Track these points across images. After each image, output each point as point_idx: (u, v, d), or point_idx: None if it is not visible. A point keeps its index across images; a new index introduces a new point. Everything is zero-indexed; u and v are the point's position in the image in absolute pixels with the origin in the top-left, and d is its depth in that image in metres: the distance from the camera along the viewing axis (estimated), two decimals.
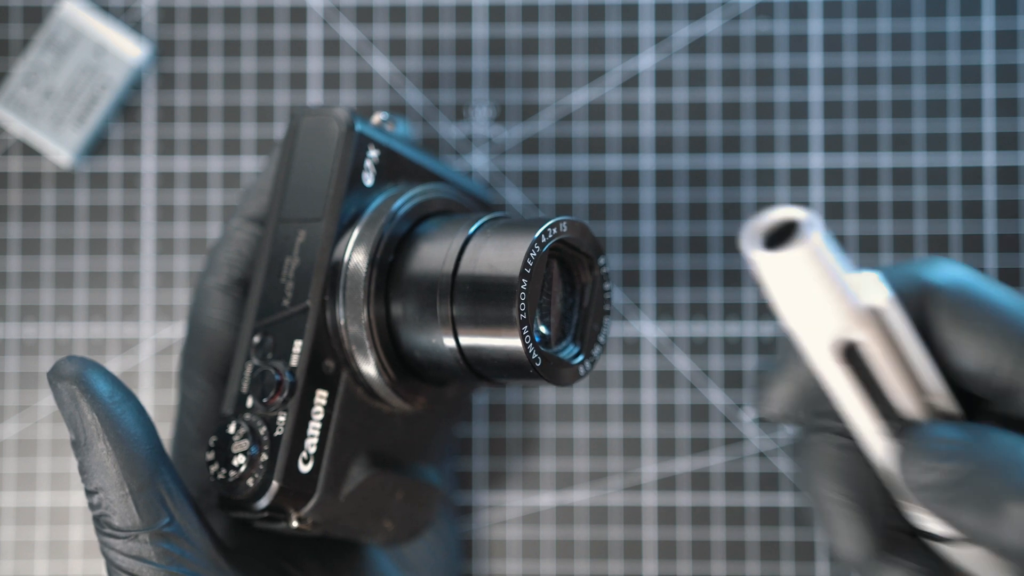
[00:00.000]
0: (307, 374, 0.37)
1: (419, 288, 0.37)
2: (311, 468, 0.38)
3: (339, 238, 0.38)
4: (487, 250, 0.36)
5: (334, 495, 0.38)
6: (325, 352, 0.38)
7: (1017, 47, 0.50)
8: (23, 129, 0.50)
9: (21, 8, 0.51)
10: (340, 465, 0.38)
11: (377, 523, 0.40)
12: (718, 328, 0.50)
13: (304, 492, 0.37)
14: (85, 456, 0.36)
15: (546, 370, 0.36)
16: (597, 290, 0.38)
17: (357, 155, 0.39)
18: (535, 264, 0.35)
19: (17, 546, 0.49)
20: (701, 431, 0.49)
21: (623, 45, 0.50)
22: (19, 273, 0.50)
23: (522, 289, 0.35)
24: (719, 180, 0.50)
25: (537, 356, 0.35)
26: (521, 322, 0.35)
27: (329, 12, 0.51)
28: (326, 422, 0.38)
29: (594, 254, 0.38)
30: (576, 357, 0.37)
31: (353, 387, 0.39)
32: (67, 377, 0.36)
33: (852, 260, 0.49)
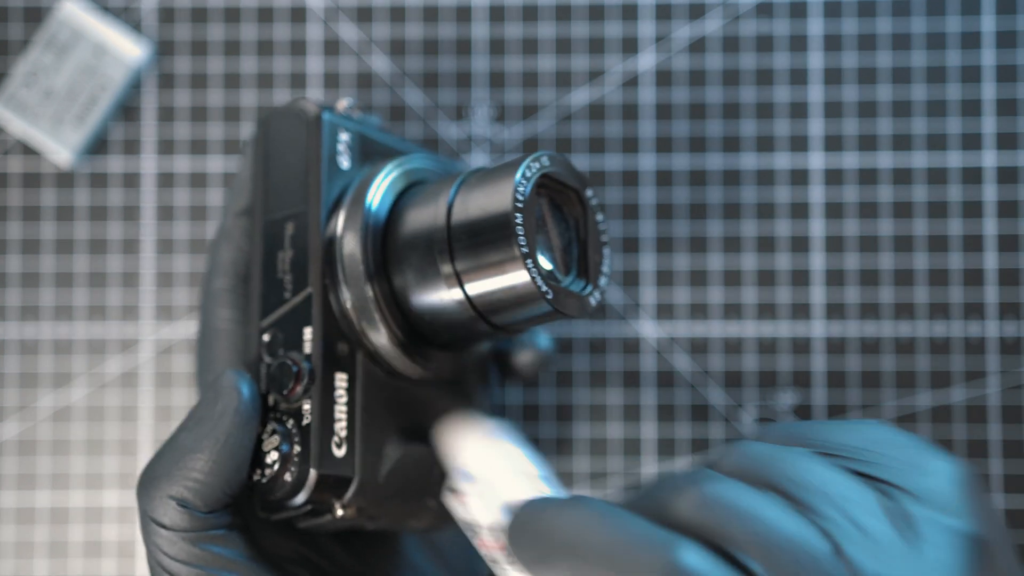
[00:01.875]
0: (324, 357, 0.37)
1: (416, 250, 0.37)
2: (346, 452, 0.37)
3: (327, 222, 0.38)
4: (475, 197, 0.36)
5: (373, 476, 0.38)
6: (336, 335, 0.38)
7: (1017, 47, 0.50)
8: (23, 129, 0.50)
9: (21, 8, 0.51)
10: (374, 445, 0.38)
11: (421, 503, 0.40)
12: (718, 328, 0.50)
13: (343, 477, 0.37)
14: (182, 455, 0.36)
15: (558, 301, 0.36)
16: (591, 221, 0.38)
17: (329, 141, 0.39)
18: (526, 198, 0.35)
19: (17, 546, 0.49)
20: (701, 431, 0.49)
21: (623, 45, 0.50)
22: (19, 273, 0.50)
23: (518, 223, 0.35)
24: (719, 180, 0.50)
25: (547, 288, 0.35)
26: (524, 255, 0.35)
27: (329, 12, 0.51)
28: (351, 404, 0.38)
29: (580, 186, 0.38)
30: (584, 289, 0.37)
31: (371, 367, 0.38)
32: (232, 387, 0.37)
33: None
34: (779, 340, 0.49)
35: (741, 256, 0.50)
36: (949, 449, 0.49)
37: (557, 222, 0.38)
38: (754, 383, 0.49)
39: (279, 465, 0.37)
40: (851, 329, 0.49)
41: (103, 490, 0.49)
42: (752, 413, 0.49)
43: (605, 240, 0.38)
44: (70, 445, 0.50)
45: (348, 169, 0.39)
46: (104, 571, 0.49)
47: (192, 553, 0.36)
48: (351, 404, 0.38)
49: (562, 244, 0.38)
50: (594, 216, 0.38)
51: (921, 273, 0.49)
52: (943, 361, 0.49)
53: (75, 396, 0.50)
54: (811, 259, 0.50)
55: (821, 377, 0.49)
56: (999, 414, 0.49)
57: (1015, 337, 0.49)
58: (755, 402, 0.49)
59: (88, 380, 0.50)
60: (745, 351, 0.50)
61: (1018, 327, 0.49)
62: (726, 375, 0.50)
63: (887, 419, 0.49)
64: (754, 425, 0.49)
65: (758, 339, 0.49)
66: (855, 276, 0.49)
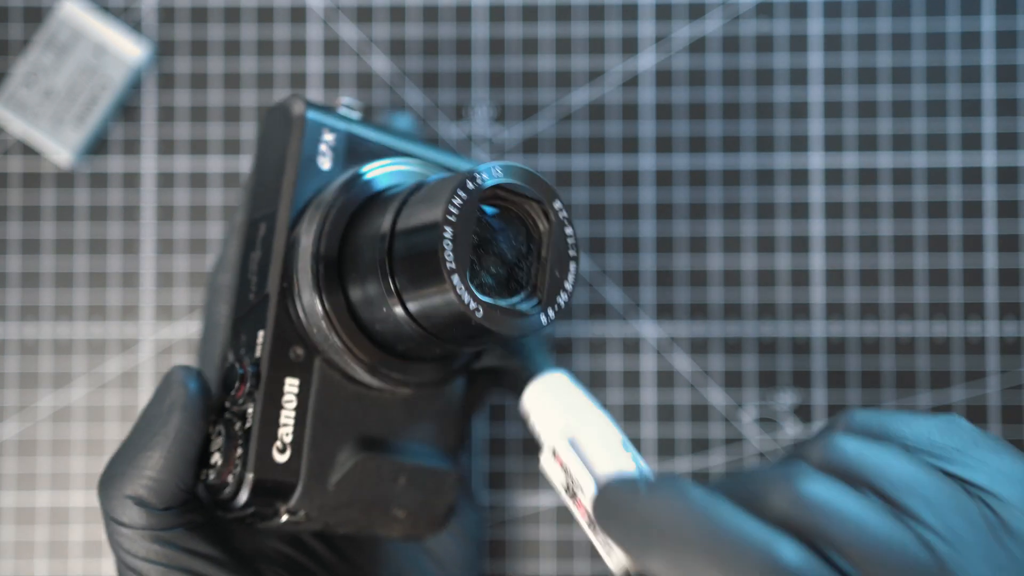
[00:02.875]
0: (271, 362, 0.37)
1: (364, 261, 0.36)
2: (289, 457, 0.37)
3: (295, 225, 0.38)
4: (416, 208, 0.35)
5: (321, 483, 0.37)
6: (292, 339, 0.37)
7: (1017, 47, 0.50)
8: (23, 129, 0.50)
9: (21, 8, 0.51)
10: (324, 452, 0.38)
11: (385, 513, 0.39)
12: (718, 328, 0.50)
13: (286, 482, 0.37)
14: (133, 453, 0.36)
15: (491, 319, 0.33)
16: (555, 235, 0.35)
17: (309, 141, 0.38)
18: (461, 209, 0.33)
19: (17, 546, 0.49)
20: (701, 431, 0.49)
21: (623, 45, 0.50)
22: (19, 273, 0.50)
23: (445, 236, 0.33)
24: (719, 180, 0.50)
25: (476, 306, 0.33)
26: (449, 270, 0.33)
27: (329, 12, 0.51)
28: (301, 409, 0.37)
29: (544, 198, 0.35)
30: (534, 306, 0.34)
31: (329, 372, 0.38)
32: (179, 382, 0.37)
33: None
34: (779, 340, 0.49)
35: (741, 256, 0.50)
36: None
37: (512, 236, 0.35)
38: (754, 383, 0.49)
39: (221, 465, 0.37)
40: (851, 329, 0.49)
41: None
42: (752, 413, 0.49)
43: (573, 254, 0.36)
44: (70, 445, 0.50)
45: (328, 170, 0.39)
46: (104, 571, 0.49)
47: (152, 550, 0.36)
48: (301, 409, 0.37)
49: (513, 259, 0.35)
50: (561, 229, 0.35)
51: (921, 273, 0.49)
52: (943, 361, 0.49)
53: (75, 396, 0.50)
54: (811, 259, 0.50)
55: (821, 377, 0.49)
56: (999, 414, 0.49)
57: (1015, 337, 0.49)
58: (755, 402, 0.49)
59: (88, 380, 0.50)
60: (745, 351, 0.49)
61: (1018, 327, 0.49)
62: (726, 375, 0.50)
63: None
64: (754, 425, 0.49)
65: (758, 339, 0.49)
66: (855, 276, 0.49)
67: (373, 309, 0.36)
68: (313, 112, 0.38)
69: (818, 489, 0.29)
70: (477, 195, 0.34)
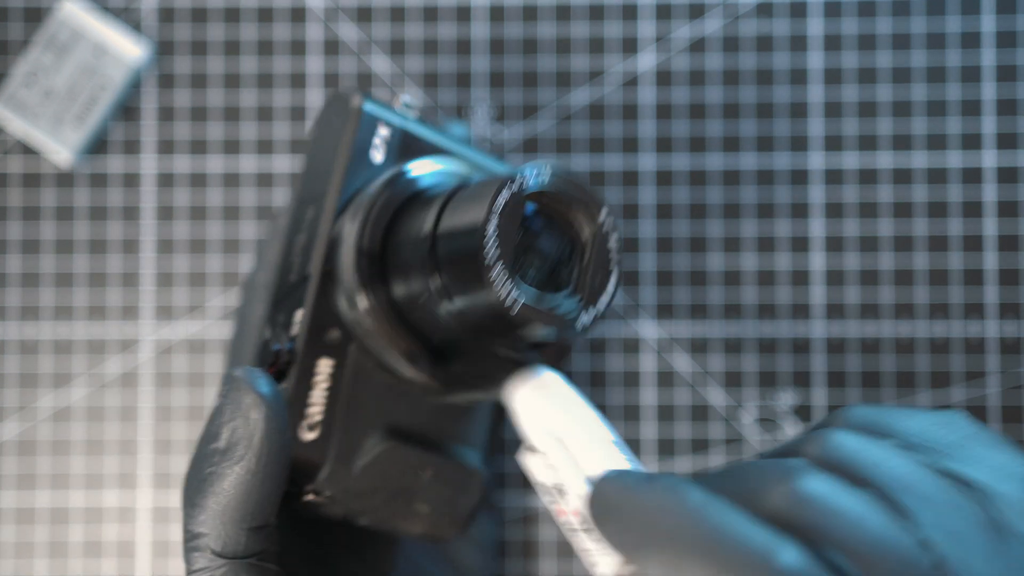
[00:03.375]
0: (307, 342, 0.37)
1: (407, 256, 0.36)
2: (317, 436, 0.37)
3: (341, 212, 0.38)
4: (460, 203, 0.35)
5: (346, 466, 0.37)
6: (329, 321, 0.37)
7: (1017, 47, 0.50)
8: (23, 129, 0.50)
9: (21, 8, 0.51)
10: (353, 436, 0.38)
11: (408, 506, 0.39)
12: (718, 328, 0.50)
13: (312, 461, 0.37)
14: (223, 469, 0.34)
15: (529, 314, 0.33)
16: (599, 242, 0.35)
17: (364, 133, 0.39)
18: (505, 207, 0.33)
19: (17, 546, 0.49)
20: (701, 431, 0.49)
21: (623, 45, 0.50)
22: (19, 273, 0.50)
23: (487, 234, 0.33)
24: (719, 180, 0.50)
25: (515, 299, 0.33)
26: (489, 266, 0.33)
27: (329, 12, 0.51)
28: (334, 391, 0.37)
29: (593, 206, 0.35)
30: (573, 309, 0.34)
31: (363, 359, 0.38)
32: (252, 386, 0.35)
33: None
34: (779, 340, 0.49)
35: (741, 256, 0.50)
36: None
37: (557, 239, 0.35)
38: (754, 383, 0.49)
39: None
40: (851, 329, 0.49)
41: (103, 490, 0.49)
42: (752, 413, 0.49)
43: (612, 267, 0.35)
44: (70, 445, 0.50)
45: (380, 164, 0.39)
46: (104, 571, 0.49)
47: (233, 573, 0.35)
48: (333, 391, 0.37)
49: (555, 260, 0.35)
50: (605, 238, 0.35)
51: (921, 273, 0.49)
52: (943, 361, 0.49)
53: (75, 396, 0.50)
54: (811, 259, 0.50)
55: (821, 377, 0.49)
56: (999, 414, 0.49)
57: (1015, 337, 0.49)
58: (755, 402, 0.49)
59: (88, 380, 0.50)
60: (745, 351, 0.49)
61: (1018, 327, 0.49)
62: (726, 375, 0.50)
63: None
64: (754, 425, 0.49)
65: (758, 339, 0.49)
66: (855, 276, 0.49)
67: (414, 303, 0.36)
68: (370, 105, 0.39)
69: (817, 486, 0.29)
70: (522, 195, 0.34)
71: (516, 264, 0.34)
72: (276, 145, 0.50)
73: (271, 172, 0.50)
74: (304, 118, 0.50)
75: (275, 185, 0.50)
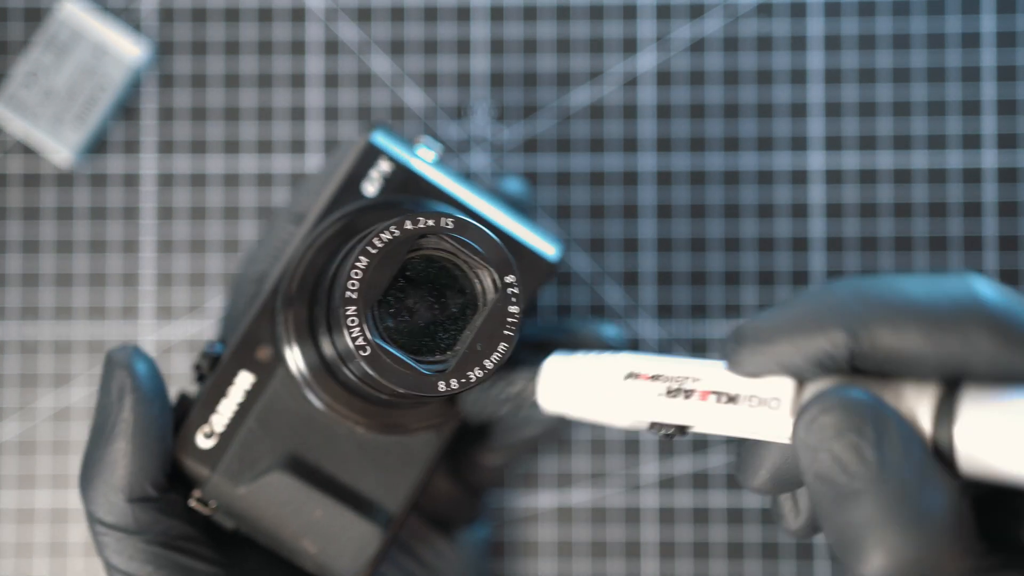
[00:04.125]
0: (234, 352, 0.37)
1: (321, 287, 0.36)
2: (213, 445, 0.37)
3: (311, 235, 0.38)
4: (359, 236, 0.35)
5: (232, 482, 0.37)
6: (263, 338, 0.37)
7: (1017, 47, 0.50)
8: (23, 129, 0.50)
9: (21, 8, 0.51)
10: (249, 456, 0.37)
11: (295, 541, 0.38)
12: (718, 328, 0.50)
13: (197, 469, 0.37)
14: (101, 447, 0.36)
15: (372, 361, 0.32)
16: (497, 311, 0.33)
17: (363, 162, 0.38)
18: (389, 244, 0.32)
19: (17, 546, 0.49)
20: None
21: (623, 45, 0.50)
22: (19, 273, 0.50)
23: (356, 266, 0.32)
24: (719, 180, 0.50)
25: (365, 344, 0.32)
26: (345, 300, 0.32)
27: (329, 12, 0.51)
28: (244, 407, 0.37)
29: (499, 269, 0.33)
30: (434, 370, 0.33)
31: (288, 383, 0.38)
32: (121, 365, 0.36)
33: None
34: None
35: (741, 256, 0.50)
36: None
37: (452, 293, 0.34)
38: None
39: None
40: None
41: None
42: None
43: (509, 334, 0.33)
44: (70, 445, 0.50)
45: (371, 196, 0.39)
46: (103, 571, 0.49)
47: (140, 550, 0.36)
48: (244, 406, 0.37)
49: (438, 318, 0.34)
50: (504, 305, 0.33)
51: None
52: None
53: (75, 396, 0.50)
54: (811, 259, 0.50)
55: None
56: None
57: None
58: None
59: (88, 380, 0.50)
60: None
61: None
62: None
63: None
64: None
65: None
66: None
67: (323, 344, 0.36)
68: (380, 137, 0.39)
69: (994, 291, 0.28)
70: (414, 234, 0.32)
71: (386, 311, 0.33)
72: (276, 145, 0.50)
73: (271, 172, 0.50)
74: (304, 118, 0.50)
75: (275, 185, 0.50)
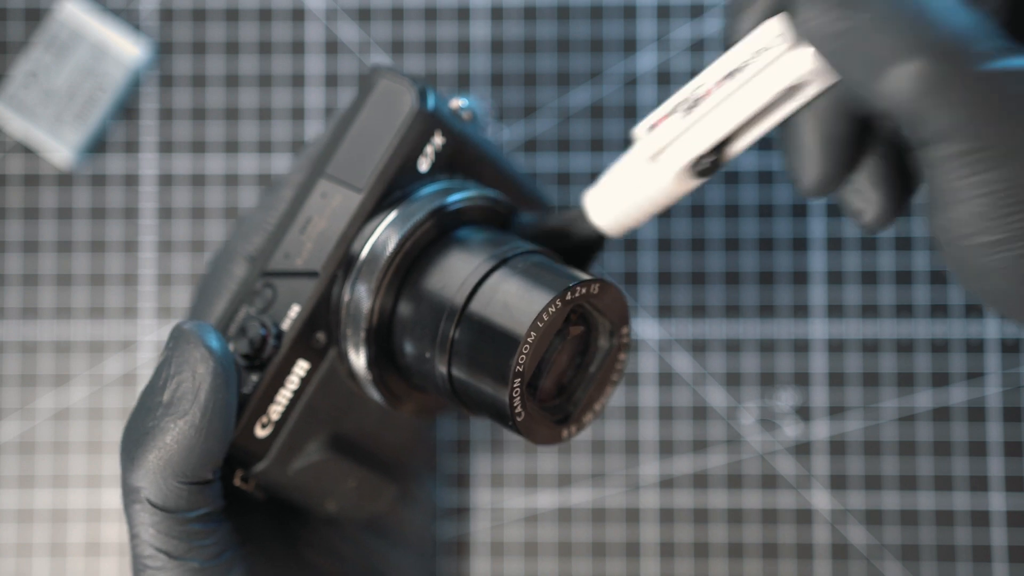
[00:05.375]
0: (294, 342, 0.37)
1: (431, 301, 0.36)
2: (268, 434, 0.37)
3: (372, 216, 0.37)
4: (507, 289, 0.35)
5: (283, 467, 0.37)
6: (320, 324, 0.37)
7: None
8: (23, 129, 0.50)
9: (21, 8, 0.51)
10: (299, 439, 0.38)
11: (319, 502, 0.39)
12: (718, 328, 0.50)
13: (254, 455, 0.37)
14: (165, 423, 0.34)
15: (525, 426, 0.34)
16: (611, 358, 0.36)
17: (420, 138, 0.37)
18: (549, 321, 0.34)
19: (17, 546, 0.49)
20: (701, 431, 0.49)
21: (623, 45, 0.50)
22: (19, 273, 0.50)
23: (527, 342, 0.33)
24: (719, 180, 0.50)
25: (521, 411, 0.34)
26: (514, 374, 0.33)
27: (329, 12, 0.51)
28: (298, 394, 0.37)
29: (618, 321, 0.36)
30: (563, 420, 0.36)
31: (338, 366, 0.38)
32: (198, 342, 0.34)
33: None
34: (779, 340, 0.49)
35: (741, 256, 0.50)
36: (948, 450, 0.49)
37: (577, 344, 0.36)
38: (754, 383, 0.49)
39: None
40: (851, 329, 0.49)
41: (103, 490, 0.49)
42: (752, 413, 0.49)
43: (615, 379, 0.37)
44: (70, 445, 0.50)
45: (424, 173, 0.38)
46: (104, 571, 0.49)
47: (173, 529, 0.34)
48: (298, 393, 0.37)
49: (568, 369, 0.36)
50: (618, 353, 0.36)
51: (921, 273, 0.49)
52: (943, 361, 0.49)
53: (75, 396, 0.50)
54: (811, 259, 0.50)
55: (821, 377, 0.49)
56: (999, 414, 0.49)
57: (1015, 337, 0.49)
58: (755, 402, 0.49)
59: (88, 380, 0.50)
60: (745, 351, 0.49)
61: (1018, 327, 0.49)
62: (726, 375, 0.50)
63: (886, 420, 0.49)
64: (754, 425, 0.49)
65: (758, 339, 0.49)
66: (855, 276, 0.49)
67: (414, 347, 0.36)
68: (432, 105, 0.37)
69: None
70: (565, 311, 0.34)
71: (536, 375, 0.35)
72: (276, 145, 0.50)
73: (271, 172, 0.50)
74: (304, 118, 0.50)
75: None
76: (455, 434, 0.50)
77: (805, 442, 0.49)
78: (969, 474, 0.49)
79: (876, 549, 0.49)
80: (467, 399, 0.36)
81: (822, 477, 0.49)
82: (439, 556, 0.49)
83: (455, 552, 0.49)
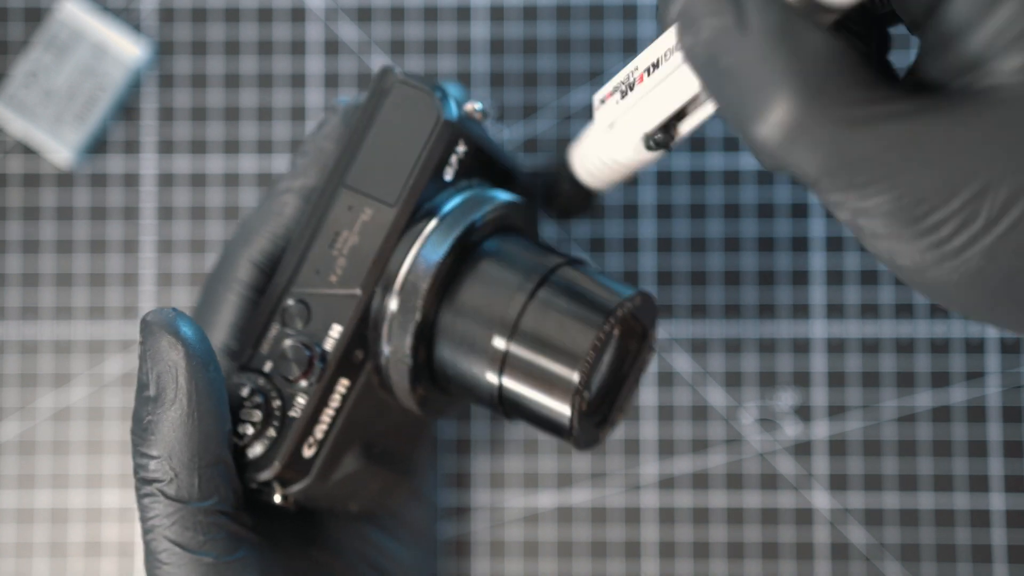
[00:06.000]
0: (339, 362, 0.37)
1: (477, 314, 0.36)
2: (313, 454, 0.37)
3: (406, 230, 0.37)
4: (560, 307, 0.36)
5: (323, 481, 0.38)
6: (359, 342, 0.37)
7: None
8: (23, 129, 0.50)
9: (21, 8, 0.51)
10: (338, 453, 0.38)
11: (344, 505, 0.40)
12: (718, 328, 0.50)
13: (300, 474, 0.37)
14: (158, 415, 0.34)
15: (577, 438, 0.36)
16: (641, 360, 0.38)
17: (447, 148, 0.37)
18: (604, 340, 0.36)
19: (17, 546, 0.49)
20: (701, 431, 0.49)
21: (623, 45, 0.50)
22: (19, 273, 0.50)
23: (587, 361, 0.35)
24: (719, 180, 0.50)
25: (576, 424, 0.36)
26: (576, 391, 0.35)
27: (329, 12, 0.51)
28: (339, 411, 0.37)
29: (649, 325, 0.38)
30: (601, 422, 0.38)
31: (373, 378, 0.38)
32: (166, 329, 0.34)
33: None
34: (779, 340, 0.49)
35: (741, 256, 0.50)
36: (948, 450, 0.49)
37: (615, 350, 0.38)
38: (754, 383, 0.49)
39: (249, 439, 0.36)
40: (851, 329, 0.49)
41: (103, 490, 0.49)
42: (752, 413, 0.49)
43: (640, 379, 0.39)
44: (70, 445, 0.50)
45: (449, 181, 0.38)
46: (104, 571, 0.49)
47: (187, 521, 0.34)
48: (339, 410, 0.37)
49: (608, 374, 0.38)
50: (647, 355, 0.38)
51: None
52: (943, 361, 0.49)
53: (75, 396, 0.50)
54: (811, 259, 0.50)
55: (821, 377, 0.49)
56: (999, 414, 0.49)
57: (1015, 337, 0.49)
58: (755, 402, 0.49)
59: (88, 380, 0.50)
60: (745, 351, 0.50)
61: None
62: (726, 375, 0.50)
63: (886, 420, 0.49)
64: (754, 425, 0.49)
65: (758, 339, 0.50)
66: (855, 276, 0.49)
67: (459, 359, 0.37)
68: (454, 114, 0.37)
69: None
70: (615, 325, 0.36)
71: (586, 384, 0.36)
72: (276, 145, 0.50)
73: (271, 172, 0.50)
74: (304, 118, 0.50)
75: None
76: (455, 434, 0.50)
77: (805, 442, 0.49)
78: (969, 474, 0.49)
79: (876, 549, 0.49)
80: (512, 408, 0.37)
81: (822, 477, 0.49)
82: (439, 556, 0.49)
83: (455, 552, 0.49)
